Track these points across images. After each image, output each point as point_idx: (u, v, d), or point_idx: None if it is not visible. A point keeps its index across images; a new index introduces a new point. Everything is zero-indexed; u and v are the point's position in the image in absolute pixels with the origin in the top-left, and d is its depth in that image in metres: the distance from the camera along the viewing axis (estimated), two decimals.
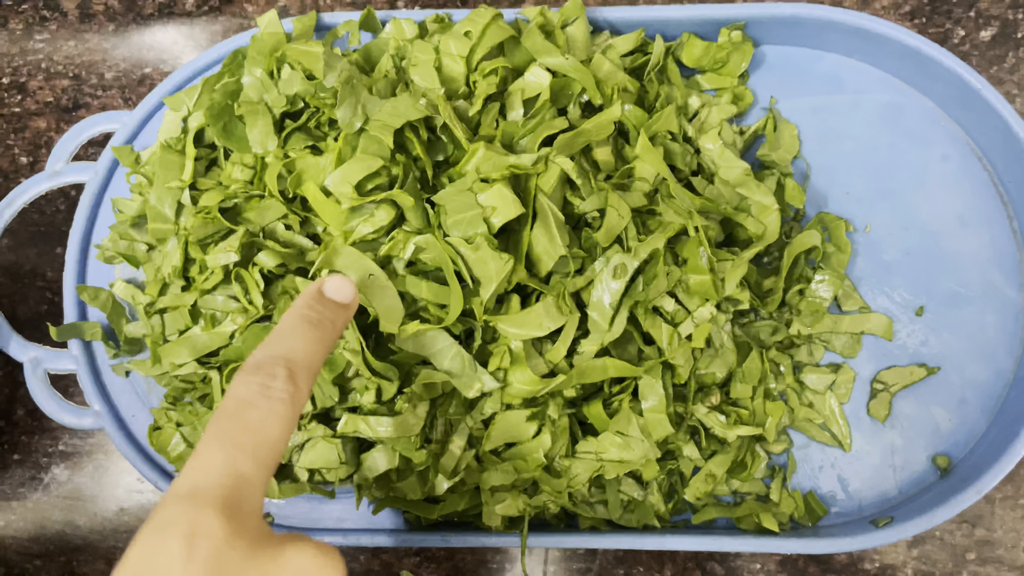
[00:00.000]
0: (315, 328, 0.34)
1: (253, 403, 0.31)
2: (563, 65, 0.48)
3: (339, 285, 0.36)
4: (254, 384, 0.31)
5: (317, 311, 0.34)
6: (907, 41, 0.52)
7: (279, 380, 0.31)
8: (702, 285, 0.46)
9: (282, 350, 0.33)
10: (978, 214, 0.53)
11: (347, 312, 0.35)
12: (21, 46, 0.64)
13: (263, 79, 0.50)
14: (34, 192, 0.56)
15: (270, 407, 0.31)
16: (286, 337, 0.33)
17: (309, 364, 0.33)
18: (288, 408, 0.31)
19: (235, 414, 0.31)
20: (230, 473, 0.29)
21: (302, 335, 0.33)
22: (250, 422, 0.30)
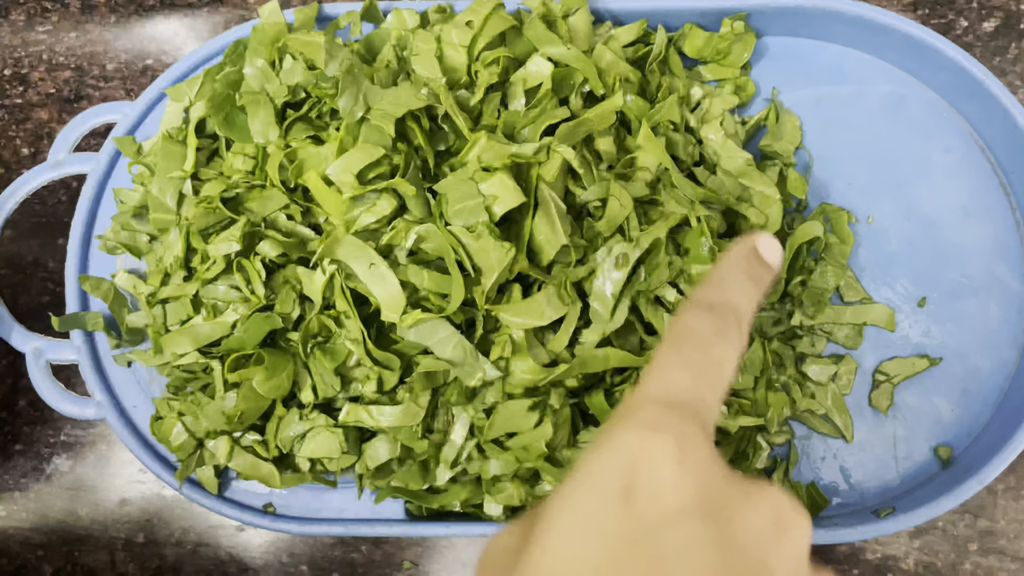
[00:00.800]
0: (752, 283, 0.33)
1: (711, 340, 0.30)
2: (565, 55, 0.48)
3: (771, 245, 0.35)
4: (711, 322, 0.30)
5: (755, 268, 0.34)
6: (910, 31, 0.51)
7: (732, 327, 0.31)
8: (704, 275, 0.46)
9: (731, 297, 0.32)
10: (981, 205, 0.53)
11: (773, 275, 0.35)
12: (23, 37, 0.64)
13: (264, 69, 0.50)
14: (36, 183, 0.56)
15: (725, 348, 0.30)
16: (730, 285, 0.33)
17: (750, 317, 0.32)
18: (737, 355, 0.31)
19: (697, 344, 0.30)
20: (699, 399, 0.28)
21: (743, 286, 0.33)
22: (711, 355, 0.29)
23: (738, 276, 0.33)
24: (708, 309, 0.31)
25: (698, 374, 0.29)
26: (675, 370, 0.29)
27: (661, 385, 0.28)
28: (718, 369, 0.29)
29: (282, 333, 0.47)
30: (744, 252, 0.34)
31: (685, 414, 0.27)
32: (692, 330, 0.30)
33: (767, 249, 0.34)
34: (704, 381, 0.29)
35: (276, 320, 0.45)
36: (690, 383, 0.28)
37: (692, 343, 0.30)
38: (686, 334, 0.30)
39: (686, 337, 0.30)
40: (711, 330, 0.30)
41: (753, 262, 0.34)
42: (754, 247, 0.34)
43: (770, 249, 0.34)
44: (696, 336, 0.30)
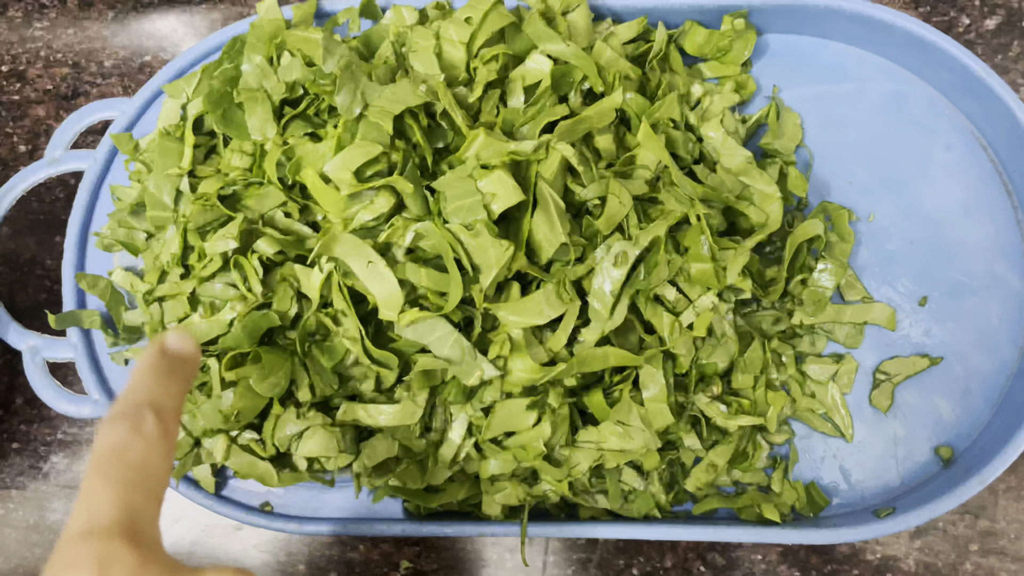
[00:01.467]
0: (166, 375, 0.34)
1: (128, 443, 0.31)
2: (564, 52, 0.48)
3: (178, 337, 0.36)
4: (123, 428, 0.31)
5: (166, 362, 0.35)
6: (911, 29, 0.51)
7: (148, 422, 0.31)
8: (704, 274, 0.45)
9: (143, 396, 0.33)
10: (982, 203, 0.52)
11: (193, 362, 0.36)
12: (20, 34, 0.64)
13: (262, 66, 0.49)
14: (33, 180, 0.56)
15: (146, 444, 0.31)
16: (140, 386, 0.33)
17: (171, 405, 0.33)
18: (164, 444, 0.31)
19: (113, 455, 0.30)
20: (124, 507, 0.29)
21: (156, 381, 0.34)
22: (131, 459, 0.30)
23: (147, 375, 0.34)
24: (119, 417, 0.32)
25: (118, 483, 0.29)
26: (95, 494, 0.29)
27: (83, 517, 0.29)
28: (139, 469, 0.30)
29: (279, 331, 0.46)
30: (149, 353, 0.35)
31: (106, 535, 0.28)
32: (105, 445, 0.31)
33: (175, 342, 0.35)
34: (127, 487, 0.29)
35: (273, 318, 0.45)
36: (111, 497, 0.29)
37: (108, 458, 0.30)
38: (100, 452, 0.31)
39: (101, 455, 0.30)
40: (125, 435, 0.31)
41: (161, 358, 0.35)
42: (160, 345, 0.35)
43: (178, 341, 0.35)
44: (110, 448, 0.30)
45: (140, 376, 0.34)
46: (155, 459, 0.31)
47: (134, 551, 0.28)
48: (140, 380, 0.34)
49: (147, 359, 0.35)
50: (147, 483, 0.30)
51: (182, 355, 0.35)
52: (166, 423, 0.32)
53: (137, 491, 0.30)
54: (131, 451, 0.30)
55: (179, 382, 0.34)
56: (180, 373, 0.35)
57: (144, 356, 0.35)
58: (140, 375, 0.34)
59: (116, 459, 0.30)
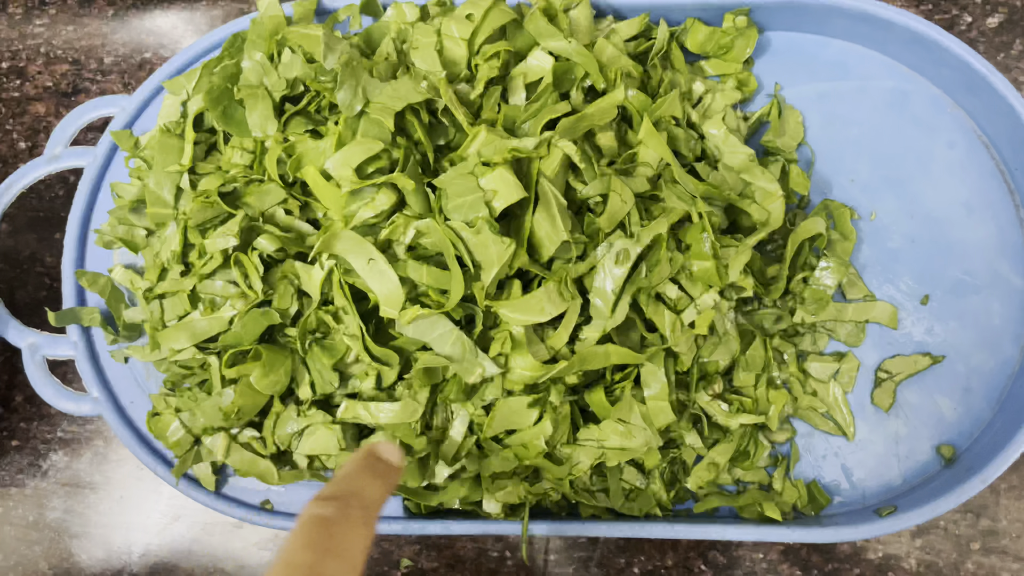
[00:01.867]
0: (374, 476, 0.36)
1: (334, 520, 0.33)
2: (566, 49, 0.47)
3: (388, 448, 0.38)
4: (331, 507, 0.33)
5: (378, 467, 0.37)
6: (914, 27, 0.51)
7: (355, 508, 0.33)
8: (705, 272, 0.45)
9: (353, 487, 0.35)
10: (984, 202, 0.52)
11: (396, 471, 0.38)
12: (20, 30, 0.64)
13: (263, 63, 0.49)
14: (33, 177, 0.56)
15: (349, 526, 0.33)
16: (353, 479, 0.36)
17: (375, 504, 0.35)
18: (365, 532, 0.33)
19: (320, 525, 0.32)
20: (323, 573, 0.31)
21: (366, 480, 0.36)
22: (334, 533, 0.32)
23: (360, 472, 0.36)
24: (330, 498, 0.34)
25: (322, 551, 0.31)
26: (296, 554, 0.31)
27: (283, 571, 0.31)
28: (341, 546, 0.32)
29: (280, 329, 0.46)
30: (363, 454, 0.37)
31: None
32: (314, 517, 0.33)
33: (386, 451, 0.38)
34: (329, 556, 0.31)
35: (274, 316, 0.45)
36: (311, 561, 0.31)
37: (314, 528, 0.32)
38: (308, 522, 0.32)
39: (308, 524, 0.32)
40: (332, 513, 0.33)
41: (373, 461, 0.37)
42: (372, 449, 0.38)
43: (388, 451, 0.38)
44: (318, 521, 0.32)
45: (352, 469, 0.36)
46: (356, 542, 0.32)
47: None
48: (352, 473, 0.36)
49: (360, 457, 0.37)
50: (344, 557, 0.31)
51: (390, 464, 0.37)
52: (369, 517, 0.34)
53: (335, 561, 0.31)
54: (336, 526, 0.32)
55: (384, 487, 0.36)
56: (384, 478, 0.37)
57: (358, 454, 0.37)
58: (353, 468, 0.36)
59: (322, 529, 0.32)
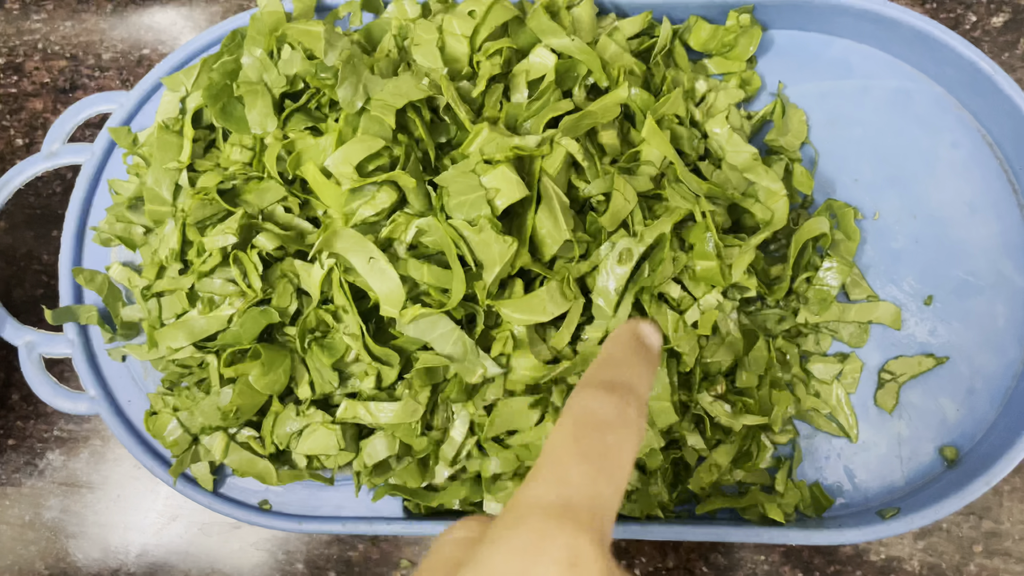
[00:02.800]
0: (644, 364, 0.32)
1: (611, 425, 0.28)
2: (568, 46, 0.47)
3: (652, 331, 0.34)
4: (610, 404, 0.29)
5: (644, 350, 0.33)
6: (918, 26, 0.51)
7: (632, 408, 0.29)
8: (709, 271, 0.45)
9: (628, 378, 0.30)
10: (988, 202, 0.52)
11: (657, 360, 0.34)
12: (18, 26, 0.63)
13: (263, 59, 0.49)
14: (30, 173, 0.55)
15: (626, 434, 0.28)
16: (626, 367, 0.31)
17: (645, 399, 0.31)
18: (637, 440, 0.29)
19: (593, 432, 0.28)
20: (597, 495, 0.26)
21: (637, 367, 0.31)
22: (609, 442, 0.28)
23: (630, 356, 0.32)
24: (607, 389, 0.29)
25: (596, 467, 0.27)
26: (570, 464, 0.27)
27: (554, 484, 0.26)
28: (617, 458, 0.28)
29: (279, 328, 0.46)
30: (629, 334, 0.33)
31: (579, 523, 0.25)
32: (591, 414, 0.28)
33: (648, 333, 0.33)
34: (603, 475, 0.27)
35: (273, 314, 0.45)
36: (586, 479, 0.27)
37: (590, 430, 0.28)
38: (584, 419, 0.28)
39: (584, 423, 0.28)
40: (611, 413, 0.29)
41: (640, 344, 0.32)
42: (637, 330, 0.33)
43: (651, 334, 0.33)
44: (595, 421, 0.28)
45: (624, 351, 0.32)
46: (629, 452, 0.28)
47: (603, 560, 0.25)
48: (624, 355, 0.32)
49: (627, 338, 0.32)
50: (617, 476, 0.27)
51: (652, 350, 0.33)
52: (642, 416, 0.30)
53: (610, 483, 0.27)
54: (612, 432, 0.28)
55: (650, 375, 0.32)
56: (651, 366, 0.32)
57: (622, 334, 0.33)
58: (621, 351, 0.32)
59: (597, 435, 0.28)
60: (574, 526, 0.25)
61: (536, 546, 0.24)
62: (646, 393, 0.31)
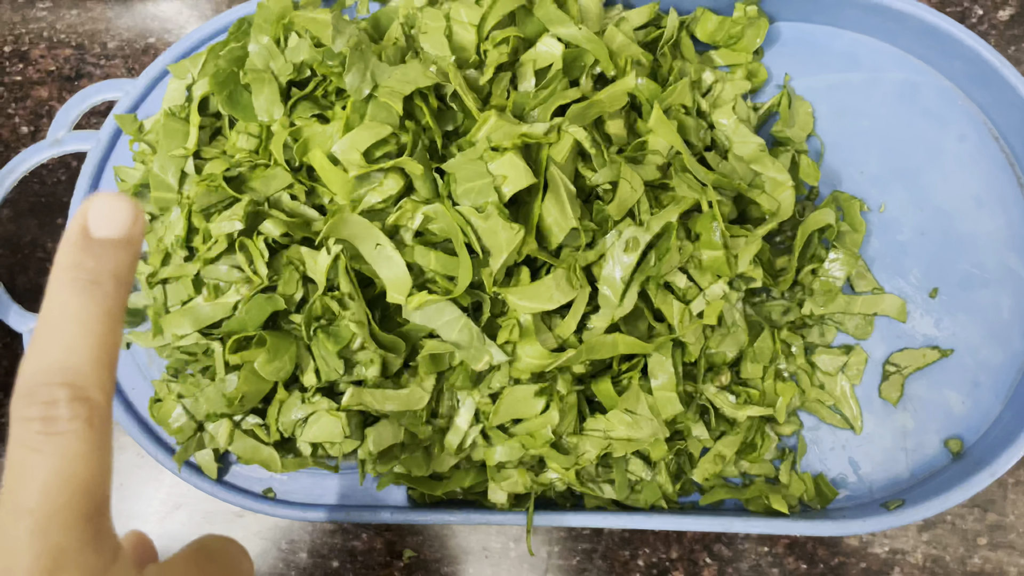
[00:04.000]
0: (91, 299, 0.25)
1: (39, 448, 0.24)
2: (576, 36, 0.47)
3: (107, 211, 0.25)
4: (33, 422, 0.24)
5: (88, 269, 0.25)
6: (925, 18, 0.51)
7: (62, 407, 0.24)
8: (715, 261, 0.45)
9: (56, 356, 0.25)
10: (994, 195, 0.52)
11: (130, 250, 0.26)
12: (23, 14, 0.63)
13: (269, 47, 0.49)
14: (35, 161, 0.55)
15: (60, 448, 0.24)
16: (57, 331, 0.25)
17: (98, 361, 0.25)
18: (86, 438, 0.24)
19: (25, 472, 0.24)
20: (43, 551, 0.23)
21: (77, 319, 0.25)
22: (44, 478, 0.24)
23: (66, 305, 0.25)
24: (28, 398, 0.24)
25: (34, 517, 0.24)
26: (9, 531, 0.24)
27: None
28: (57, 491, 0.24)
29: (284, 315, 0.46)
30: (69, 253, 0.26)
31: None
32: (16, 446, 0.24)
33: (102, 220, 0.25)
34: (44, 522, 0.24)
35: (279, 301, 0.45)
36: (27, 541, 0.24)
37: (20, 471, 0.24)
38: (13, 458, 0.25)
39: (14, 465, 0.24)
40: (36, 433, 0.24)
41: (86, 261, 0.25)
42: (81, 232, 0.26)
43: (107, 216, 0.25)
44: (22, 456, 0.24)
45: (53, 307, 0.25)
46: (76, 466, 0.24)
47: None
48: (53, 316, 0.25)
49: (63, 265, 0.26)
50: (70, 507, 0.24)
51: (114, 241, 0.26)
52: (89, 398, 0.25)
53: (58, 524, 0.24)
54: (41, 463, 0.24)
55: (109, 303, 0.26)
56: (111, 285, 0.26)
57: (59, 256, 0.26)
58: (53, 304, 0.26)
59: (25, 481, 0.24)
60: None
61: None
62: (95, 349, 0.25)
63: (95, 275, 0.25)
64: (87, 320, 0.25)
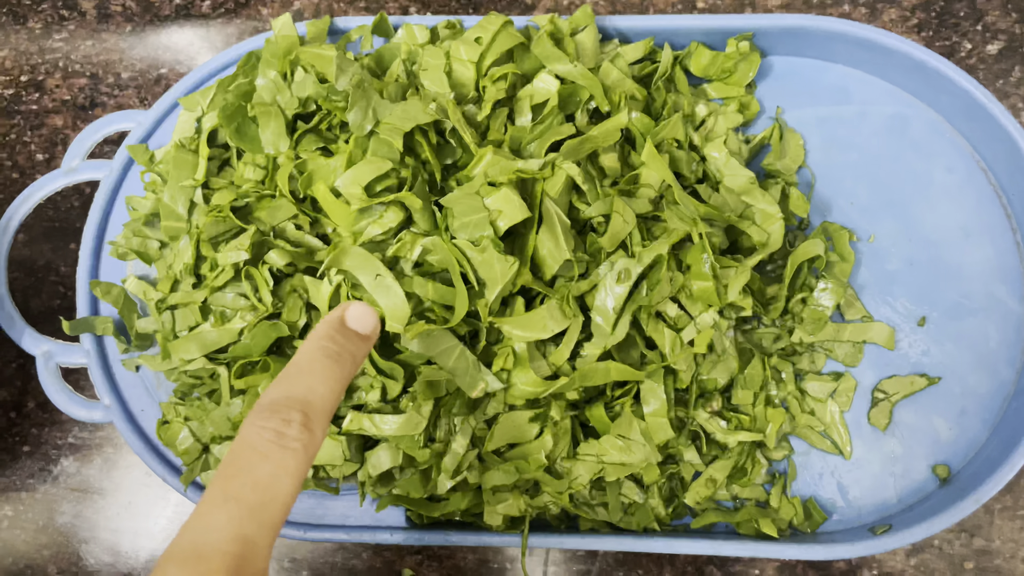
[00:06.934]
0: (335, 363, 0.32)
1: (265, 454, 0.29)
2: (571, 72, 0.49)
3: (361, 314, 0.33)
4: (267, 431, 0.29)
5: (338, 343, 0.32)
6: (914, 54, 0.52)
7: (294, 427, 0.29)
8: (705, 291, 0.46)
9: (300, 390, 0.31)
10: (982, 226, 0.53)
11: (367, 344, 0.33)
12: (40, 44, 0.65)
13: (276, 81, 0.50)
14: (50, 188, 0.57)
15: (282, 460, 0.29)
16: (304, 374, 0.31)
17: (326, 406, 0.31)
18: (301, 460, 0.29)
19: (245, 467, 0.28)
20: (236, 537, 0.27)
21: (321, 372, 0.31)
22: (260, 478, 0.28)
23: (314, 358, 0.32)
24: (268, 414, 0.30)
25: (238, 507, 0.27)
26: (212, 510, 0.27)
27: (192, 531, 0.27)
28: (264, 492, 0.28)
29: (288, 341, 0.47)
30: (327, 330, 0.32)
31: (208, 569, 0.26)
32: (243, 445, 0.29)
33: (356, 319, 0.33)
34: (246, 515, 0.27)
35: (283, 328, 0.46)
36: (225, 521, 0.27)
37: (239, 464, 0.28)
38: (235, 453, 0.29)
39: (234, 458, 0.29)
40: (265, 441, 0.29)
41: (338, 338, 0.32)
42: (340, 320, 0.33)
43: (360, 318, 0.33)
44: (246, 453, 0.29)
45: (305, 358, 0.31)
46: (284, 481, 0.28)
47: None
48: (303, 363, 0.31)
49: (320, 335, 0.32)
50: (267, 511, 0.28)
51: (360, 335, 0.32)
52: (312, 429, 0.30)
53: (254, 521, 0.27)
54: (264, 464, 0.28)
55: (345, 372, 0.32)
56: (349, 361, 0.32)
57: (318, 330, 0.32)
58: (305, 356, 0.31)
59: (245, 473, 0.28)
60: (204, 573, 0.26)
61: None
62: (325, 398, 0.31)
63: (341, 350, 0.32)
64: (327, 377, 0.32)
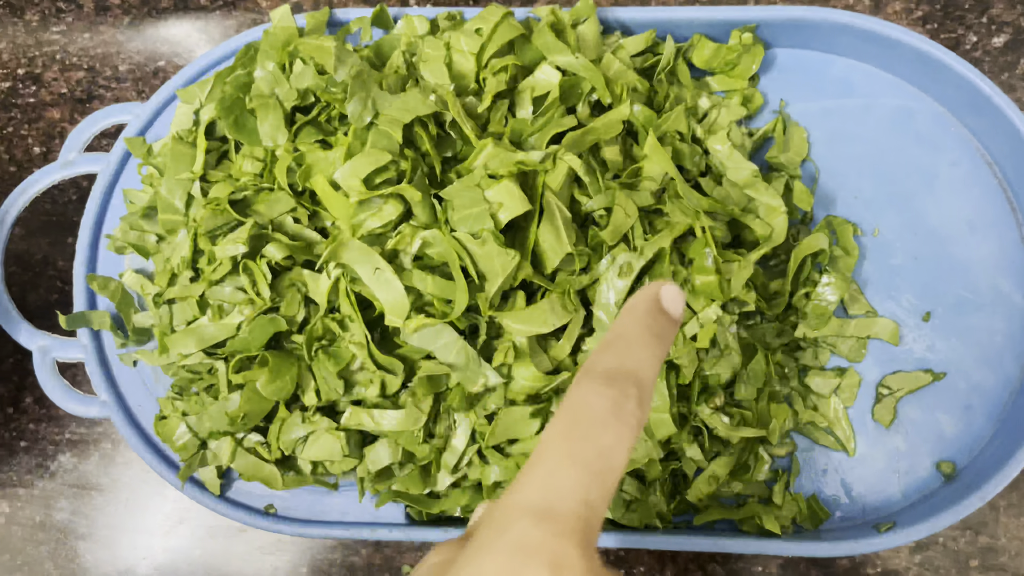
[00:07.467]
0: (660, 343, 0.30)
1: (607, 423, 0.27)
2: (573, 64, 0.48)
3: (675, 296, 0.32)
4: (608, 399, 0.28)
5: (660, 324, 0.31)
6: (919, 46, 0.51)
7: (631, 401, 0.28)
8: (708, 286, 0.46)
9: (632, 364, 0.29)
10: (987, 220, 0.53)
11: (677, 329, 0.31)
12: (37, 37, 0.65)
13: (275, 73, 0.50)
14: (47, 182, 0.57)
15: (621, 432, 0.27)
16: (634, 349, 0.30)
17: (652, 385, 0.29)
18: (635, 435, 0.28)
19: (590, 432, 0.27)
20: (584, 500, 0.26)
21: (650, 350, 0.30)
22: (604, 446, 0.27)
23: (642, 334, 0.30)
24: (606, 380, 0.28)
25: (587, 471, 0.26)
26: (560, 467, 0.26)
27: (541, 488, 0.26)
28: (606, 460, 0.27)
29: (286, 335, 0.47)
30: (646, 305, 0.31)
31: (563, 529, 0.25)
32: (586, 411, 0.28)
33: (671, 300, 0.31)
34: (592, 480, 0.26)
35: (281, 322, 0.46)
36: (576, 484, 0.26)
37: (584, 429, 0.27)
38: (579, 417, 0.28)
39: (578, 421, 0.28)
40: (608, 410, 0.28)
41: (658, 316, 0.31)
42: (657, 298, 0.31)
43: (674, 300, 0.31)
44: (590, 419, 0.28)
45: (632, 332, 0.30)
46: (621, 452, 0.27)
47: (586, 565, 0.25)
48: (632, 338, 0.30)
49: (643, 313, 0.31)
50: (608, 479, 0.27)
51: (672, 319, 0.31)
52: (644, 408, 0.28)
53: (599, 487, 0.26)
54: (606, 433, 0.27)
55: (664, 351, 0.30)
56: (665, 341, 0.30)
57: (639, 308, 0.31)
58: (632, 331, 0.30)
59: (591, 436, 0.27)
60: (560, 532, 0.25)
61: (521, 552, 0.24)
62: (653, 377, 0.29)
63: (663, 331, 0.31)
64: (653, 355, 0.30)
